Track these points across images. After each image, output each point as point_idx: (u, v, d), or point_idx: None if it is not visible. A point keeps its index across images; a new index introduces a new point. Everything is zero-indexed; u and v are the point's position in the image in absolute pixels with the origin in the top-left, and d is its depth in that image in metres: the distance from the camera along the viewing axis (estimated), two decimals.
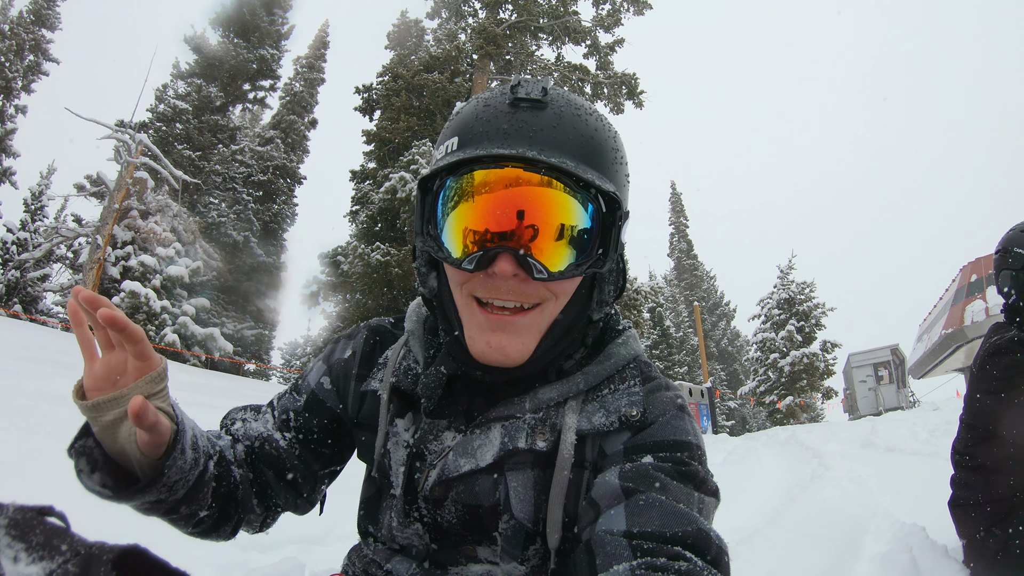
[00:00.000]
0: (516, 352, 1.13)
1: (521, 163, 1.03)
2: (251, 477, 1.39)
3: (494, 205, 1.06)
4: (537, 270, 1.06)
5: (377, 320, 1.52)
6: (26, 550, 0.82)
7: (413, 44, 30.39)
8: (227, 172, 34.26)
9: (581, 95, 1.15)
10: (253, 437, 1.41)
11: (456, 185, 1.08)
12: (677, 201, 62.23)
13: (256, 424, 1.44)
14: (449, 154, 1.10)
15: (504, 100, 1.10)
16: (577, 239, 1.08)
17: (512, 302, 1.11)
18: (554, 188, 1.05)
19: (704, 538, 0.95)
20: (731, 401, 50.18)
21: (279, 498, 1.43)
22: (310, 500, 1.49)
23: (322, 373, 1.46)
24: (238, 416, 1.47)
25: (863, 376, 31.65)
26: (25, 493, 2.87)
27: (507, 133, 1.06)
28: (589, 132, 1.10)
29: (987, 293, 24.10)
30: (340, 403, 1.43)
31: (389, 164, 22.66)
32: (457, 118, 1.15)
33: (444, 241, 1.10)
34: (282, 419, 1.43)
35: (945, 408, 12.26)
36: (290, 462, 1.40)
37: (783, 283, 35.73)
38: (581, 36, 25.10)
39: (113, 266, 23.08)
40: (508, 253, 1.05)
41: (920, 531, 3.56)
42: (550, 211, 1.06)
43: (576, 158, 1.06)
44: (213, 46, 33.97)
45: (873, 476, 6.50)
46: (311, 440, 1.42)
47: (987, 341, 3.04)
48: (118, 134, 22.96)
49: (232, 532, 1.37)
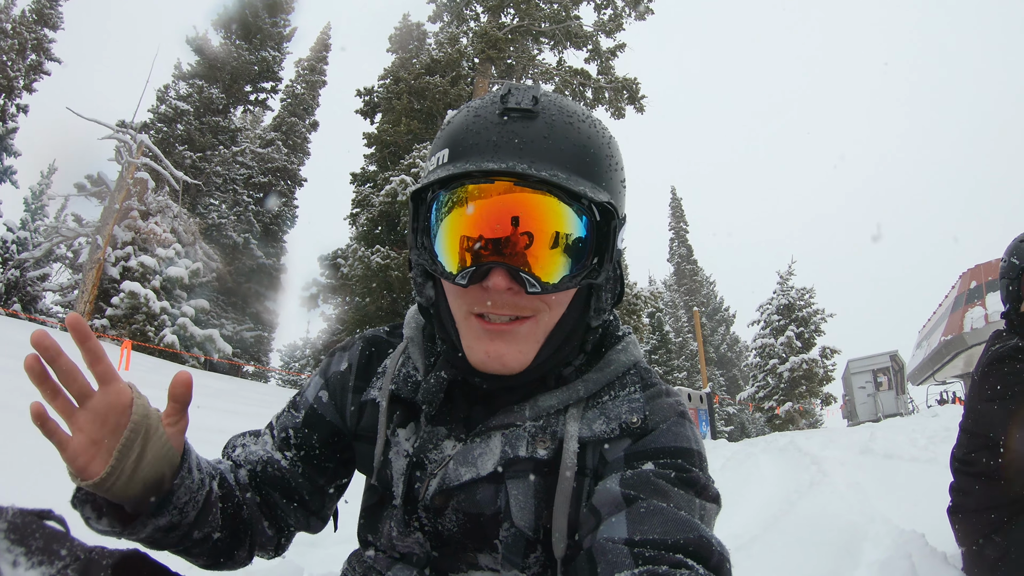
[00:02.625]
0: (515, 361, 1.13)
1: (511, 177, 1.02)
2: (258, 500, 1.36)
3: (487, 215, 1.05)
4: (530, 284, 1.05)
5: (372, 331, 1.51)
6: (26, 554, 0.82)
7: (415, 47, 30.46)
8: (228, 173, 34.29)
9: (582, 100, 1.12)
10: (254, 461, 1.39)
11: (447, 198, 1.08)
12: (677, 206, 62.35)
13: (256, 448, 1.42)
14: (440, 166, 1.10)
15: (494, 110, 1.08)
16: (571, 249, 1.07)
17: (507, 315, 1.10)
18: (546, 199, 1.04)
19: (706, 545, 0.94)
20: (730, 407, 50.13)
21: (290, 519, 1.41)
22: (322, 517, 1.47)
23: (319, 387, 1.44)
24: (238, 442, 1.45)
25: (862, 382, 31.65)
26: (25, 494, 2.87)
27: (496, 145, 1.04)
28: (582, 140, 1.08)
29: (987, 300, 24.15)
30: (339, 416, 1.41)
31: (390, 167, 22.71)
32: (448, 128, 1.14)
33: (438, 254, 1.10)
34: (282, 438, 1.41)
35: (944, 414, 12.23)
36: (295, 481, 1.38)
37: (783, 289, 35.70)
38: (583, 41, 25.17)
39: (113, 266, 23.10)
40: (502, 268, 1.05)
41: (919, 538, 3.55)
42: (544, 219, 1.05)
43: (568, 169, 1.05)
44: (215, 47, 34.03)
45: (872, 482, 6.49)
46: (313, 456, 1.40)
47: (988, 349, 3.04)
48: (119, 134, 23.01)
49: (248, 556, 1.35)
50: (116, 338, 20.29)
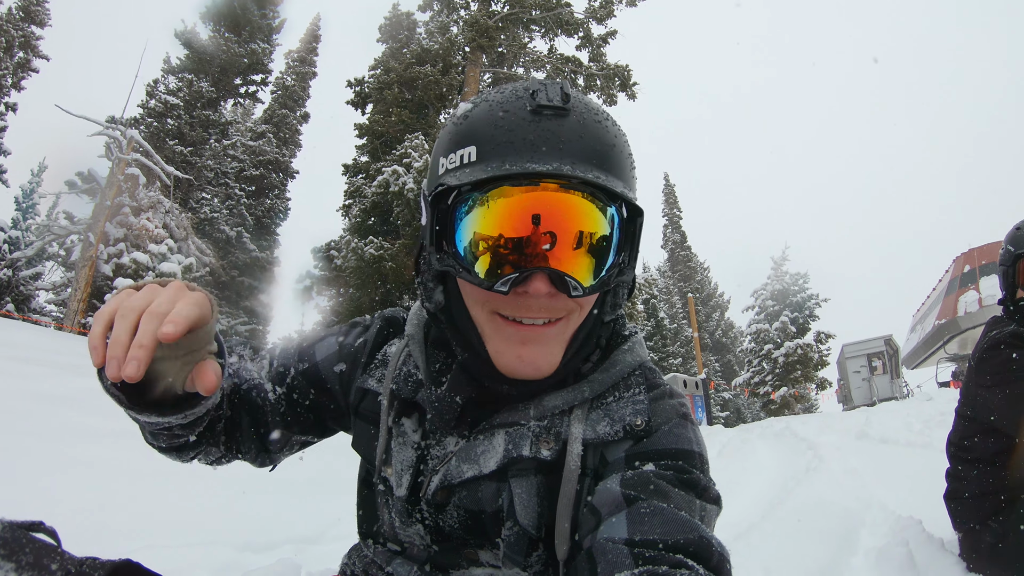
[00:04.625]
0: (547, 364, 1.11)
1: (557, 179, 0.99)
2: (228, 415, 1.38)
3: (523, 218, 1.01)
4: (573, 287, 1.03)
5: (392, 310, 1.51)
6: (15, 570, 0.80)
7: (405, 37, 30.23)
8: (219, 167, 34.14)
9: (574, 88, 1.10)
10: (244, 378, 1.41)
11: (481, 200, 1.02)
12: (670, 193, 62.25)
13: (251, 367, 1.44)
14: (468, 165, 1.03)
15: (524, 106, 1.03)
16: (606, 250, 1.06)
17: (542, 318, 1.08)
18: (585, 200, 1.01)
19: (706, 546, 0.93)
20: (726, 392, 50.30)
21: (244, 445, 1.43)
22: (272, 459, 1.49)
23: (332, 353, 1.45)
24: (236, 349, 1.46)
25: (857, 367, 31.75)
26: (20, 495, 2.85)
27: (535, 145, 1.00)
28: (611, 140, 1.06)
29: (980, 283, 24.25)
30: (340, 389, 1.42)
31: (382, 158, 22.59)
32: (468, 124, 1.07)
33: (467, 259, 1.05)
34: (279, 371, 1.43)
35: (939, 398, 12.28)
36: (272, 417, 1.40)
37: (776, 274, 35.83)
38: (574, 28, 25.06)
39: (106, 263, 22.98)
40: (543, 273, 1.02)
41: (916, 524, 3.57)
42: (585, 222, 1.03)
43: (604, 168, 1.03)
44: (204, 41, 33.75)
45: (868, 468, 6.53)
46: (299, 403, 1.42)
47: (985, 335, 3.05)
48: (109, 130, 22.84)
49: (193, 454, 1.35)
50: None
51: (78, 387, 7.48)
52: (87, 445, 5.12)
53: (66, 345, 13.66)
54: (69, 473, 4.24)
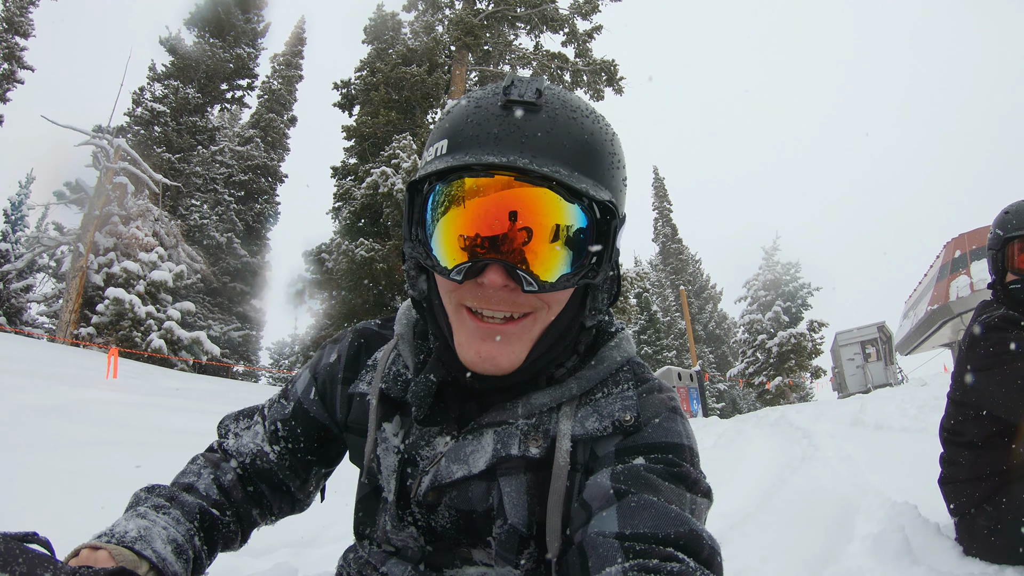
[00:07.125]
0: (506, 361, 1.10)
1: (512, 172, 0.99)
2: (249, 491, 1.43)
3: (485, 209, 1.02)
4: (527, 282, 1.02)
5: (363, 323, 1.51)
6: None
7: (390, 38, 30.13)
8: (207, 173, 34.03)
9: (560, 84, 1.08)
10: (244, 453, 1.44)
11: (445, 191, 1.04)
12: (660, 186, 62.30)
13: (246, 438, 1.46)
14: (438, 157, 1.05)
15: (496, 101, 1.04)
16: (571, 248, 1.04)
17: (503, 312, 1.08)
18: (548, 195, 1.01)
19: (696, 539, 0.94)
20: (720, 383, 50.48)
21: (276, 507, 1.48)
22: (307, 502, 1.55)
23: (308, 382, 1.47)
24: (231, 427, 1.50)
25: (851, 354, 31.89)
26: (12, 507, 2.83)
27: (497, 138, 1.01)
28: (584, 136, 1.05)
29: (971, 268, 24.36)
30: (326, 411, 1.44)
31: (370, 159, 22.60)
32: (447, 118, 1.10)
33: (432, 248, 1.07)
34: (271, 430, 1.45)
35: (933, 384, 12.34)
36: (282, 473, 1.44)
37: (768, 264, 35.94)
38: (559, 24, 25.09)
39: (96, 273, 22.92)
40: (498, 264, 1.02)
41: (912, 510, 3.58)
42: (544, 217, 1.02)
43: (570, 165, 1.02)
44: (189, 47, 33.66)
45: (863, 455, 6.56)
46: (299, 449, 1.44)
47: (975, 319, 3.06)
48: (96, 140, 22.78)
49: (243, 541, 1.43)
50: (103, 346, 20.15)
51: (70, 398, 7.45)
52: (80, 456, 5.10)
53: (58, 356, 13.60)
54: (62, 484, 4.22)
